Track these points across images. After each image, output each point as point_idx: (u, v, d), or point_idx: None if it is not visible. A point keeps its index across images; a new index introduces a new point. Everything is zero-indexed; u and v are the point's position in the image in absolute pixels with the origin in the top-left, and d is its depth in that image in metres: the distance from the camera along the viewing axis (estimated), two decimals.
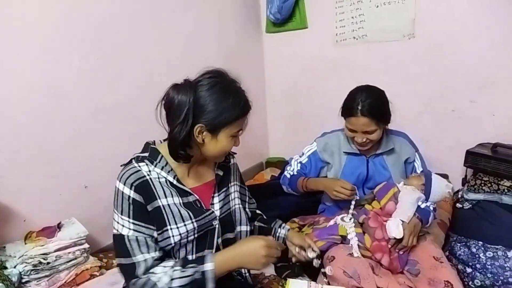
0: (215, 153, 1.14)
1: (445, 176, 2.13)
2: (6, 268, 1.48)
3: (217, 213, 1.20)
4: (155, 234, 1.08)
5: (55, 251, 1.58)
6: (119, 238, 1.06)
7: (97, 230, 1.88)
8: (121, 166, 1.13)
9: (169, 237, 1.08)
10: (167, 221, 1.08)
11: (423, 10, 2.48)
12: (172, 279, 1.01)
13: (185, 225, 1.10)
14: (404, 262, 1.53)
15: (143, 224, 1.06)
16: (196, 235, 1.13)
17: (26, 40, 1.62)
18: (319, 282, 1.45)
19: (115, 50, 1.98)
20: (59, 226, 1.70)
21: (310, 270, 1.62)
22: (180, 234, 1.09)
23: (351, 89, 1.76)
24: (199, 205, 1.16)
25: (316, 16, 2.90)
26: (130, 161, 1.13)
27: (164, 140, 1.20)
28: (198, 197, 1.16)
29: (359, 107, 1.63)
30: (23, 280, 1.50)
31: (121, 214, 1.06)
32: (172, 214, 1.09)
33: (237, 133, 1.13)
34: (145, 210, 1.07)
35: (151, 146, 1.17)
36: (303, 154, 1.94)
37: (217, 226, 1.19)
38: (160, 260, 1.07)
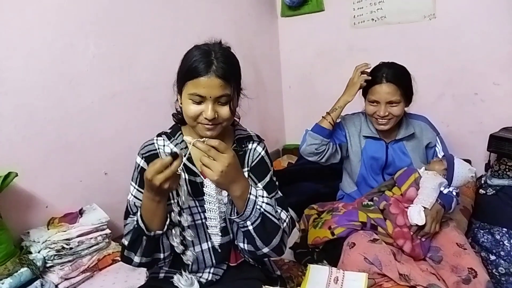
0: (186, 118, 1.06)
1: (467, 161, 2.08)
2: (30, 253, 1.51)
3: (225, 199, 1.10)
4: None
5: (77, 236, 1.60)
6: (126, 204, 1.13)
7: (118, 216, 1.84)
8: None
9: (171, 211, 1.04)
10: (170, 194, 1.06)
11: None
12: (125, 234, 1.06)
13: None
14: (426, 248, 1.51)
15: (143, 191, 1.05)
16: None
17: (42, 26, 1.62)
18: (339, 268, 1.43)
19: (129, 35, 1.97)
20: (80, 212, 1.72)
21: (330, 257, 1.61)
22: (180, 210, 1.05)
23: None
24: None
25: None
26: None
27: None
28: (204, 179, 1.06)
29: (384, 74, 1.64)
30: (47, 265, 1.53)
31: (131, 180, 1.13)
32: (177, 189, 1.03)
33: (193, 96, 1.01)
34: None
35: (176, 124, 1.19)
36: None
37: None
38: None
